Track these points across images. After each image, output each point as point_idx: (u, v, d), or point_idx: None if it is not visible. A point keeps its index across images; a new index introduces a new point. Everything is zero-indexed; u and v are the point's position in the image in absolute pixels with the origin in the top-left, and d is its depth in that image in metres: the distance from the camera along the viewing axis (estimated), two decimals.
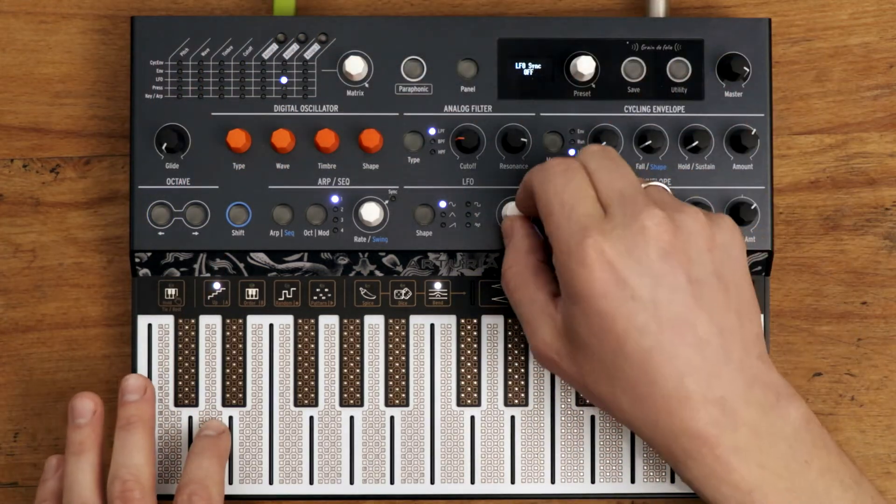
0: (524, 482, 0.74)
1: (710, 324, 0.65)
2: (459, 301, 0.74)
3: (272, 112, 0.73)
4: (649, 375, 0.65)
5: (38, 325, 0.76)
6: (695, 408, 0.64)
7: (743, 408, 0.65)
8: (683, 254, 0.65)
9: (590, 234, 0.65)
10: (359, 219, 0.73)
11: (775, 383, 0.66)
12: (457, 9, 0.77)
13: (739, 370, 0.65)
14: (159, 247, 0.73)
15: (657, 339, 0.65)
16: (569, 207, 0.67)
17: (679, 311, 0.65)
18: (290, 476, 0.74)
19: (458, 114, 0.73)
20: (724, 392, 0.65)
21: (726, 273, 0.66)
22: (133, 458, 0.69)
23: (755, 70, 0.73)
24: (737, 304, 0.66)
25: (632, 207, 0.66)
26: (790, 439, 0.65)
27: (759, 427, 0.65)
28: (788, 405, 0.66)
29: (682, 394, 0.64)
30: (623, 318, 0.65)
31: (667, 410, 0.65)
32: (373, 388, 0.74)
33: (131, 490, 0.68)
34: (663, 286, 0.65)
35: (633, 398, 0.66)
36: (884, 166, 0.77)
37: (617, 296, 0.65)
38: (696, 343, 0.65)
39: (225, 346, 0.74)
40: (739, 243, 0.67)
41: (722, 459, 0.65)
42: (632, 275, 0.65)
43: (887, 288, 0.76)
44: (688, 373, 0.64)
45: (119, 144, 0.76)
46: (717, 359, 0.65)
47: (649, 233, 0.65)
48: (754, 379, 0.65)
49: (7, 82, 0.76)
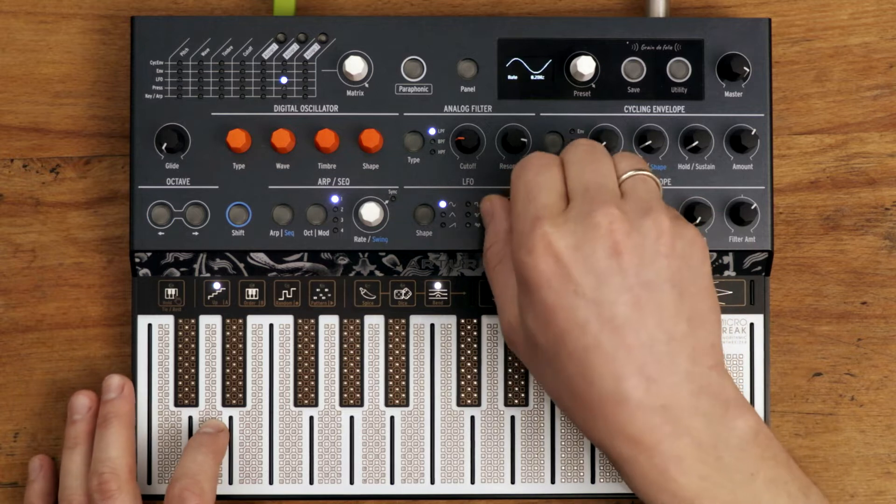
0: (524, 482, 0.74)
1: (657, 328, 0.64)
2: (459, 301, 0.74)
3: (272, 112, 0.73)
4: (587, 374, 0.64)
5: (38, 325, 0.76)
6: (632, 412, 0.64)
7: (687, 417, 0.64)
8: (635, 254, 0.64)
9: (541, 224, 0.65)
10: (359, 219, 0.73)
11: (726, 394, 0.65)
12: (457, 9, 0.77)
13: (686, 378, 0.64)
14: (159, 247, 0.73)
15: (596, 338, 0.64)
16: (531, 197, 0.66)
17: (622, 312, 0.64)
18: (290, 476, 0.74)
19: (458, 114, 0.73)
20: (667, 400, 0.64)
21: (683, 281, 0.65)
22: (109, 451, 0.71)
23: (755, 70, 0.73)
24: (689, 313, 0.65)
25: (590, 203, 0.65)
26: (735, 451, 0.64)
27: (702, 437, 0.64)
28: (737, 416, 0.65)
29: (618, 396, 0.64)
30: (564, 311, 0.64)
31: (602, 412, 0.64)
32: (373, 388, 0.74)
33: (108, 482, 0.70)
34: (609, 285, 0.64)
35: (571, 394, 0.65)
36: (884, 166, 0.77)
37: (560, 288, 0.64)
38: (637, 346, 0.64)
39: (225, 346, 0.74)
40: (701, 253, 0.66)
41: (660, 467, 0.64)
42: (577, 269, 0.64)
43: (887, 288, 0.76)
44: (626, 376, 0.64)
45: (119, 144, 0.76)
46: (661, 365, 0.64)
47: (600, 230, 0.64)
48: (702, 389, 0.64)
49: (7, 82, 0.76)
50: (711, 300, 0.66)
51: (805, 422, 0.76)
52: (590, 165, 0.67)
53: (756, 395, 0.74)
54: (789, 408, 0.76)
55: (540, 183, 0.67)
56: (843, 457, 0.76)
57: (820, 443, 0.76)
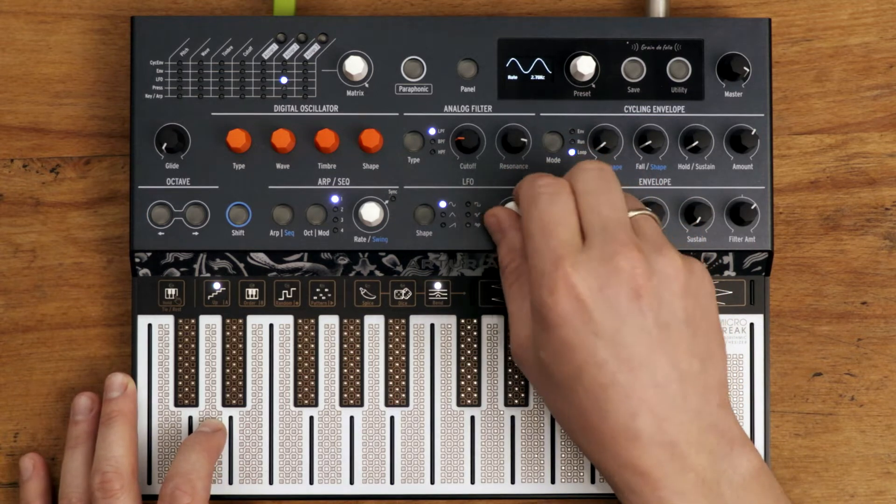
0: (524, 482, 0.74)
1: (671, 368, 0.65)
2: (459, 301, 0.74)
3: (272, 112, 0.73)
4: (602, 409, 0.65)
5: (38, 325, 0.76)
6: (643, 447, 0.65)
7: (693, 454, 0.65)
8: (654, 297, 0.65)
9: (562, 264, 0.65)
10: (359, 219, 0.73)
11: (731, 432, 0.66)
12: (457, 9, 0.77)
13: (696, 416, 0.65)
14: (159, 247, 0.73)
15: (614, 377, 0.65)
16: (547, 232, 0.67)
17: (640, 353, 0.65)
18: (290, 476, 0.74)
19: (458, 114, 0.73)
20: (676, 436, 0.65)
21: (696, 319, 0.66)
22: (113, 450, 0.71)
23: (755, 70, 0.73)
24: (703, 351, 0.66)
25: (611, 244, 0.66)
26: (738, 489, 0.66)
27: (706, 474, 0.65)
28: (741, 455, 0.66)
29: (631, 432, 0.65)
30: (583, 350, 0.65)
31: (614, 444, 0.65)
32: (373, 388, 0.74)
33: (111, 481, 0.70)
34: (629, 326, 0.65)
35: (584, 425, 0.66)
36: (884, 166, 0.77)
37: (581, 329, 0.65)
38: (653, 385, 0.65)
39: (225, 346, 0.74)
40: (710, 289, 0.68)
41: (664, 500, 0.65)
42: (598, 312, 0.65)
43: (887, 288, 0.76)
44: (640, 413, 0.65)
45: (119, 144, 0.76)
46: (673, 403, 0.65)
47: (623, 274, 0.65)
48: (710, 426, 0.66)
49: (7, 82, 0.76)
50: (719, 337, 0.68)
51: (805, 422, 0.76)
52: (604, 196, 0.67)
53: (756, 395, 0.74)
54: (789, 408, 0.76)
55: (555, 215, 0.67)
56: (843, 457, 0.76)
57: (820, 443, 0.76)
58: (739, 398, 0.74)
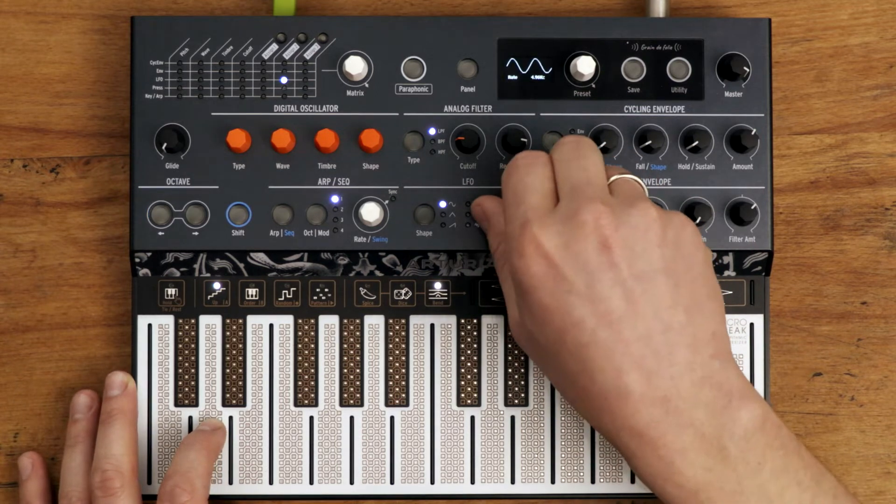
0: (524, 482, 0.74)
1: (653, 320, 0.64)
2: (459, 301, 0.74)
3: (272, 112, 0.73)
4: (588, 370, 0.64)
5: (38, 325, 0.76)
6: (635, 406, 0.64)
7: (689, 408, 0.64)
8: (625, 248, 0.64)
9: (529, 226, 0.65)
10: (359, 219, 0.73)
11: (729, 384, 0.65)
12: (457, 9, 0.77)
13: (687, 369, 0.64)
14: (159, 247, 0.73)
15: (594, 335, 0.64)
16: (518, 199, 0.67)
17: (618, 306, 0.64)
18: (290, 476, 0.74)
19: (458, 114, 0.73)
20: (667, 391, 0.64)
21: (677, 270, 0.65)
22: (113, 448, 0.71)
23: (755, 70, 0.73)
24: (687, 301, 0.65)
25: (576, 201, 0.65)
26: (741, 441, 0.64)
27: (705, 429, 0.64)
28: (741, 406, 0.64)
29: (620, 391, 0.64)
30: (560, 311, 0.64)
31: (607, 406, 0.64)
32: (373, 388, 0.74)
33: (111, 479, 0.70)
34: (601, 281, 0.64)
35: (575, 391, 0.65)
36: (884, 166, 0.77)
37: (554, 289, 0.64)
38: (635, 339, 0.64)
39: (225, 346, 0.74)
40: (692, 238, 0.66)
41: (665, 459, 0.64)
42: (568, 268, 0.64)
43: (887, 288, 0.76)
44: (626, 369, 0.63)
45: (119, 144, 0.76)
46: (659, 356, 0.64)
47: (587, 227, 0.64)
48: (704, 379, 0.64)
49: (7, 82, 0.76)
50: (709, 287, 0.66)
51: (805, 422, 0.76)
52: (575, 162, 0.67)
53: None
54: (789, 408, 0.76)
55: (527, 184, 0.67)
56: (843, 457, 0.76)
57: (820, 443, 0.76)
58: None
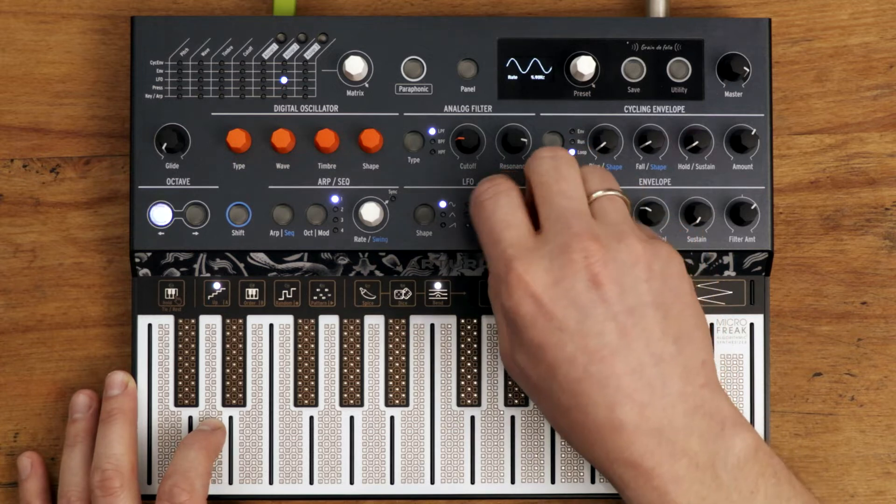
0: (524, 482, 0.74)
1: (645, 353, 0.64)
2: (459, 301, 0.74)
3: (272, 112, 0.73)
4: (581, 404, 0.64)
5: (38, 325, 0.76)
6: (629, 438, 0.64)
7: (682, 438, 0.64)
8: (615, 283, 0.64)
9: (514, 265, 0.65)
10: (359, 219, 0.73)
11: (721, 412, 0.65)
12: (457, 9, 0.77)
13: (679, 399, 0.64)
14: (159, 247, 0.73)
15: (586, 370, 0.64)
16: (494, 237, 0.66)
17: (610, 342, 0.64)
18: (290, 476, 0.74)
19: (458, 114, 0.73)
20: (661, 422, 0.64)
21: (665, 301, 0.65)
22: (113, 448, 0.71)
23: (755, 70, 0.73)
24: (676, 332, 0.65)
25: (563, 234, 0.65)
26: (734, 470, 0.64)
27: (699, 458, 0.64)
28: (734, 435, 0.65)
29: (614, 423, 0.64)
30: (552, 348, 0.64)
31: (600, 438, 0.64)
32: (373, 388, 0.74)
33: (111, 479, 0.70)
34: (592, 317, 0.64)
35: (568, 424, 0.66)
36: (884, 166, 0.77)
37: (545, 327, 0.64)
38: (628, 373, 0.64)
39: (225, 346, 0.74)
40: (678, 269, 0.66)
41: (660, 490, 0.64)
42: (558, 306, 0.64)
43: (887, 288, 0.76)
44: (619, 403, 0.64)
45: (119, 144, 0.76)
46: (652, 388, 0.64)
47: (577, 265, 0.64)
48: (696, 408, 0.65)
49: (7, 82, 0.76)
50: (696, 317, 0.66)
51: (805, 422, 0.76)
52: (556, 186, 0.67)
53: (756, 395, 0.74)
54: (789, 408, 0.76)
55: (499, 219, 0.66)
56: (843, 457, 0.76)
57: (820, 443, 0.76)
58: (739, 398, 0.74)
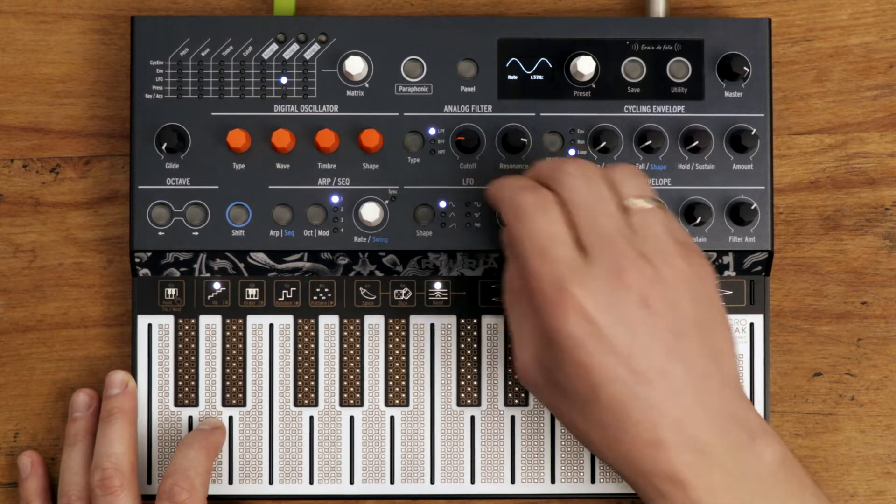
0: (524, 482, 0.74)
1: (687, 372, 0.64)
2: (459, 301, 0.74)
3: (272, 112, 0.73)
4: (623, 422, 0.64)
5: (38, 325, 0.76)
6: (669, 452, 0.64)
7: (717, 449, 0.64)
8: (663, 303, 0.64)
9: (567, 284, 0.64)
10: (359, 219, 0.73)
11: (751, 422, 0.66)
12: (457, 9, 0.77)
13: (716, 413, 0.65)
14: (159, 247, 0.73)
15: (632, 391, 0.64)
16: (544, 253, 0.65)
17: (656, 363, 0.64)
18: (290, 476, 0.74)
19: (458, 114, 0.73)
20: (699, 436, 0.64)
21: (703, 319, 0.65)
22: (113, 447, 0.71)
23: (755, 70, 0.73)
24: (713, 349, 0.65)
25: (614, 256, 0.64)
26: (764, 479, 0.65)
27: (732, 468, 0.64)
28: (764, 445, 0.65)
29: (654, 441, 0.64)
30: (599, 369, 0.64)
31: (640, 455, 0.65)
32: (373, 388, 0.74)
33: (111, 478, 0.70)
34: (641, 337, 0.64)
35: (606, 439, 0.65)
36: (884, 166, 0.77)
37: (594, 349, 0.64)
38: (672, 393, 0.64)
39: (225, 346, 0.74)
40: (713, 285, 0.67)
41: (695, 501, 0.64)
42: (611, 329, 0.64)
43: (887, 288, 0.76)
44: (662, 422, 0.64)
45: (119, 144, 0.76)
46: (693, 405, 0.64)
47: (632, 288, 0.64)
48: (729, 419, 0.65)
49: (7, 82, 0.76)
50: (728, 330, 0.67)
51: (805, 422, 0.76)
52: (598, 206, 0.66)
53: (756, 395, 0.74)
54: (789, 408, 0.76)
55: (549, 233, 0.65)
56: (843, 457, 0.76)
57: (820, 443, 0.76)
58: None
